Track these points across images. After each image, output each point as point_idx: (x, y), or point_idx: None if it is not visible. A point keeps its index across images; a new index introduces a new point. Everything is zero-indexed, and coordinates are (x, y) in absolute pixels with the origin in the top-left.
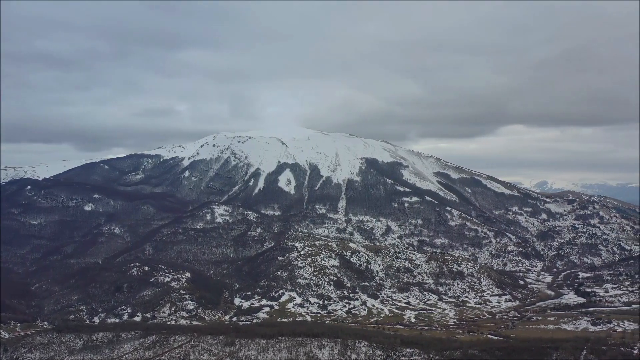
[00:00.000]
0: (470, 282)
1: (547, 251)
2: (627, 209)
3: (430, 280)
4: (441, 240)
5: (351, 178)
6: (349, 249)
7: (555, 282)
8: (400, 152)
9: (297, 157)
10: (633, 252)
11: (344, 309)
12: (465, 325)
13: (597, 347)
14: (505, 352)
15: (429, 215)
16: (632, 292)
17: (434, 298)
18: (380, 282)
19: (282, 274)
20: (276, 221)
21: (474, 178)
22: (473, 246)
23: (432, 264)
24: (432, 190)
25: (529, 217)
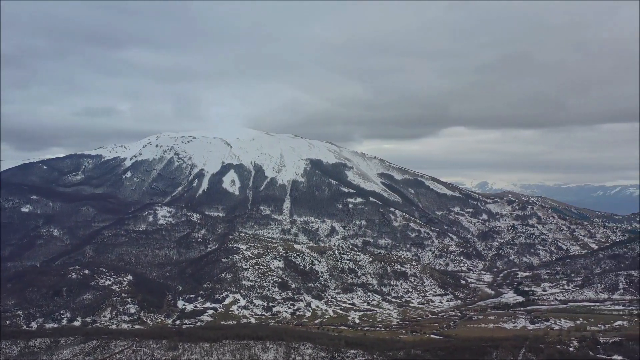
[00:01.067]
0: (413, 283)
1: (488, 251)
2: (564, 209)
3: (374, 281)
4: (385, 240)
5: (296, 179)
6: (293, 250)
7: (495, 281)
8: (345, 153)
9: (242, 158)
10: (569, 251)
11: (288, 311)
12: (408, 326)
13: (535, 345)
14: (447, 352)
15: (373, 216)
16: (568, 290)
17: (378, 298)
18: (325, 283)
19: (226, 276)
20: (220, 222)
21: (417, 179)
22: (416, 246)
23: (376, 264)
24: (376, 191)
25: (470, 217)
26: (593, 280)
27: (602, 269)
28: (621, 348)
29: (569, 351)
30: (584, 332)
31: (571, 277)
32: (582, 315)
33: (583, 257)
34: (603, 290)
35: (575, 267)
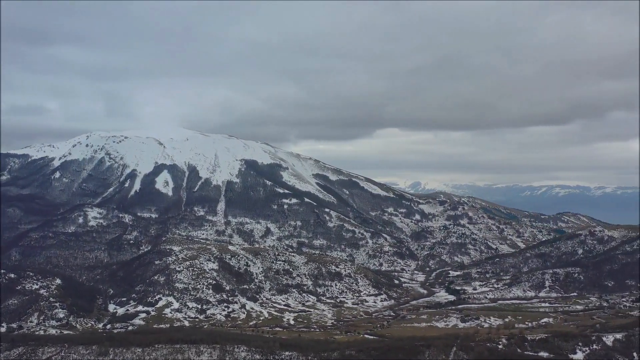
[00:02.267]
0: (348, 283)
1: (421, 251)
2: (493, 209)
3: (309, 282)
4: (320, 241)
5: (231, 180)
6: (228, 252)
7: (428, 280)
8: (280, 153)
9: (175, 158)
10: (499, 250)
11: (222, 313)
12: (342, 326)
13: (466, 343)
14: (380, 352)
15: (308, 217)
16: (497, 289)
17: (313, 299)
18: (260, 284)
19: (159, 279)
20: (153, 224)
21: (352, 180)
22: (351, 247)
23: (311, 265)
24: (312, 192)
25: (403, 218)
26: (521, 279)
27: (530, 268)
28: (547, 345)
29: (498, 349)
30: (512, 330)
31: (500, 276)
32: (510, 313)
33: (511, 256)
34: (530, 288)
35: (504, 266)
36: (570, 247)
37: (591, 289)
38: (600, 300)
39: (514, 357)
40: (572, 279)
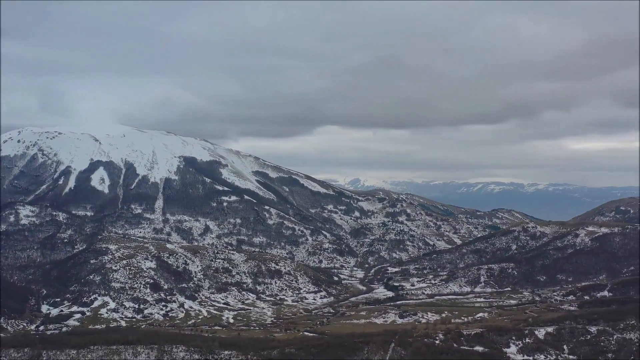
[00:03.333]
0: (287, 280)
1: (360, 248)
2: (431, 206)
3: (249, 280)
4: (260, 239)
5: (169, 177)
6: (166, 250)
7: (367, 277)
8: (220, 150)
9: (112, 155)
10: (436, 246)
11: (160, 312)
12: (282, 324)
13: (404, 339)
14: (320, 349)
15: (247, 214)
16: (434, 284)
17: (253, 297)
18: (199, 283)
19: (94, 278)
20: (89, 222)
21: (292, 177)
22: (291, 244)
23: (251, 263)
24: (251, 189)
25: (343, 215)
26: (457, 275)
27: (466, 264)
28: (482, 339)
29: (435, 344)
30: (449, 325)
31: (437, 272)
32: (447, 308)
33: (448, 253)
34: (466, 283)
35: (441, 262)
36: (504, 243)
37: (524, 284)
38: (532, 294)
39: (450, 352)
40: (507, 274)
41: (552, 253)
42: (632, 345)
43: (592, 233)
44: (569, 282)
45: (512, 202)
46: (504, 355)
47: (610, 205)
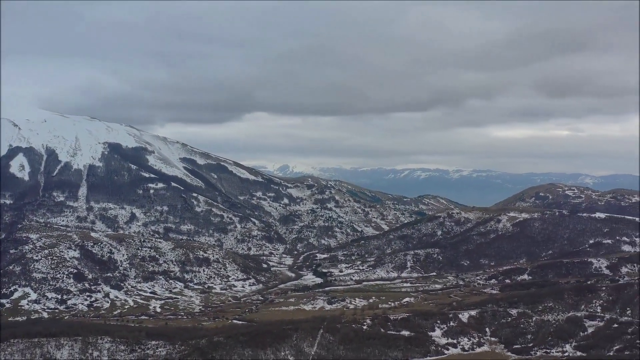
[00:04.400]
0: (216, 268)
1: (289, 234)
2: (359, 192)
3: (177, 268)
4: (187, 226)
5: (93, 164)
6: (90, 239)
7: (296, 264)
8: (146, 137)
9: (32, 141)
10: (364, 233)
11: (85, 303)
12: (211, 312)
13: (332, 325)
14: (249, 337)
15: (175, 202)
16: (362, 270)
17: (180, 286)
18: (125, 272)
19: (14, 269)
20: (8, 210)
21: (220, 164)
22: (219, 232)
23: (178, 251)
24: (179, 177)
25: (272, 202)
26: (384, 260)
27: (393, 249)
28: (409, 323)
29: (363, 329)
30: (377, 310)
31: (365, 258)
32: (374, 293)
33: (376, 238)
34: (393, 269)
35: (369, 248)
36: (430, 229)
37: (449, 269)
38: (457, 279)
39: (378, 337)
40: (432, 260)
41: (476, 238)
42: (549, 327)
43: (513, 219)
44: (491, 267)
45: (438, 188)
46: (429, 338)
47: (530, 192)
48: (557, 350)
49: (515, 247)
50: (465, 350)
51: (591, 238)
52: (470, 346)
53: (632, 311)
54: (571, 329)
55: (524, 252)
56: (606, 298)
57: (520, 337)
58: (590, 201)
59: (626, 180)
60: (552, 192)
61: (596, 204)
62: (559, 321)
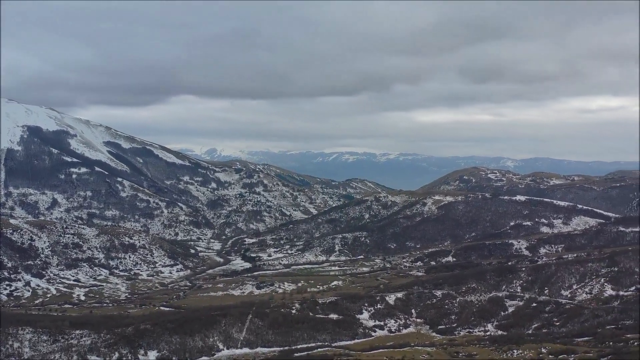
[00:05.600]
0: (142, 254)
1: (217, 219)
2: (287, 176)
3: (101, 255)
4: (112, 212)
5: (11, 147)
6: (9, 226)
7: (224, 249)
8: (68, 120)
9: None
10: (292, 217)
11: (4, 292)
12: (137, 299)
13: (261, 310)
14: (177, 324)
15: (99, 187)
16: (291, 254)
17: (105, 273)
18: (46, 260)
19: None
20: None
21: (146, 148)
22: (145, 217)
23: (103, 237)
24: (103, 161)
25: (199, 186)
26: (313, 244)
27: (321, 233)
28: (337, 307)
29: (292, 313)
30: (305, 294)
31: (294, 242)
32: (303, 277)
33: (304, 222)
34: (322, 252)
35: (298, 232)
36: (358, 213)
37: (376, 252)
38: (384, 262)
39: (306, 321)
40: (360, 243)
41: (402, 221)
42: (472, 307)
43: (438, 202)
44: (417, 249)
45: (366, 171)
46: (357, 321)
47: (455, 175)
48: (480, 330)
49: (440, 230)
50: (392, 332)
51: (512, 220)
52: (397, 328)
53: (549, 290)
54: (493, 309)
55: (448, 235)
56: (526, 278)
57: (444, 317)
58: (512, 184)
59: (545, 163)
60: (475, 175)
61: (517, 186)
62: (481, 301)
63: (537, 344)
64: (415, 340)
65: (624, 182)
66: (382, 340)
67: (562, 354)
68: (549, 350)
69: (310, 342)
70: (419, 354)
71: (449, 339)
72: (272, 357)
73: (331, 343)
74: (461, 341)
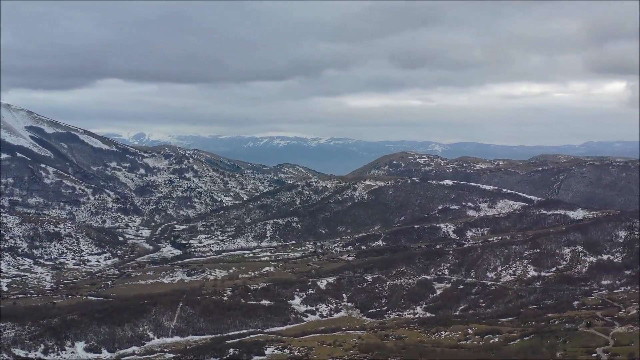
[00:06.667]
0: (68, 243)
1: (146, 206)
2: (218, 162)
3: (25, 244)
4: (36, 199)
5: None
6: None
7: (153, 236)
8: None
9: None
10: (223, 203)
11: None
12: (63, 289)
13: (192, 298)
14: (105, 314)
15: (21, 174)
16: (222, 241)
17: (29, 262)
18: None
19: None
20: None
21: (71, 133)
22: (71, 204)
23: (26, 225)
24: (25, 147)
25: (127, 172)
26: (244, 230)
27: (253, 219)
28: (269, 293)
29: (223, 300)
30: (237, 281)
31: (225, 228)
32: (235, 264)
33: (235, 208)
34: (253, 238)
35: (229, 218)
36: (289, 198)
37: (308, 237)
38: (315, 247)
39: (238, 308)
40: (291, 228)
41: (333, 206)
42: (402, 291)
43: (369, 187)
44: (348, 234)
45: (297, 156)
46: (289, 307)
47: (385, 160)
48: (409, 312)
49: (370, 215)
50: (323, 316)
51: (440, 204)
52: (329, 312)
53: (476, 273)
54: (421, 292)
55: (378, 219)
56: (453, 261)
57: (375, 301)
58: (439, 168)
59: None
60: (404, 160)
61: (445, 171)
62: (410, 285)
63: (464, 325)
64: (347, 325)
65: (546, 166)
66: (313, 325)
67: (488, 334)
68: (475, 330)
69: (242, 329)
70: (350, 338)
71: (380, 322)
72: (203, 344)
73: (263, 329)
74: (391, 324)
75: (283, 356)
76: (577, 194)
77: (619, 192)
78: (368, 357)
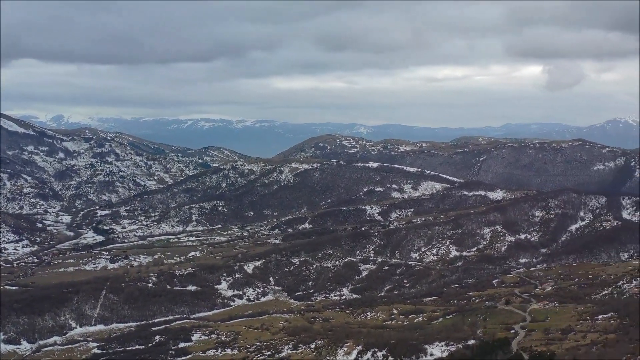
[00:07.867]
0: None
1: (66, 191)
2: (141, 145)
3: None
4: None
5: None
6: None
7: (74, 222)
8: None
9: None
10: (147, 187)
11: None
12: None
13: (116, 285)
14: (24, 304)
15: None
16: (146, 226)
17: None
18: None
19: None
20: None
21: None
22: None
23: None
24: None
25: (45, 156)
26: (169, 215)
27: (178, 203)
28: (195, 278)
29: (148, 287)
30: (162, 267)
31: (149, 213)
32: (159, 249)
33: (160, 193)
34: (178, 223)
35: (153, 202)
36: (215, 182)
37: (234, 221)
38: (242, 230)
39: (164, 294)
40: (217, 212)
41: (259, 189)
42: (328, 273)
43: (295, 169)
44: (274, 217)
45: (222, 138)
46: (215, 292)
47: (310, 142)
48: (336, 294)
49: (297, 197)
50: (251, 300)
51: (365, 186)
52: (256, 296)
53: (400, 254)
54: (348, 274)
55: (305, 202)
56: (378, 243)
57: (302, 284)
58: (365, 151)
59: (395, 130)
60: (330, 142)
61: (370, 153)
62: (337, 267)
63: (389, 306)
64: (274, 308)
65: (467, 148)
66: (241, 309)
67: (412, 313)
68: (399, 310)
69: (169, 315)
70: (277, 322)
71: (307, 305)
72: (128, 332)
73: (190, 315)
74: (318, 306)
75: (210, 342)
76: (496, 174)
77: (536, 173)
78: (295, 339)
